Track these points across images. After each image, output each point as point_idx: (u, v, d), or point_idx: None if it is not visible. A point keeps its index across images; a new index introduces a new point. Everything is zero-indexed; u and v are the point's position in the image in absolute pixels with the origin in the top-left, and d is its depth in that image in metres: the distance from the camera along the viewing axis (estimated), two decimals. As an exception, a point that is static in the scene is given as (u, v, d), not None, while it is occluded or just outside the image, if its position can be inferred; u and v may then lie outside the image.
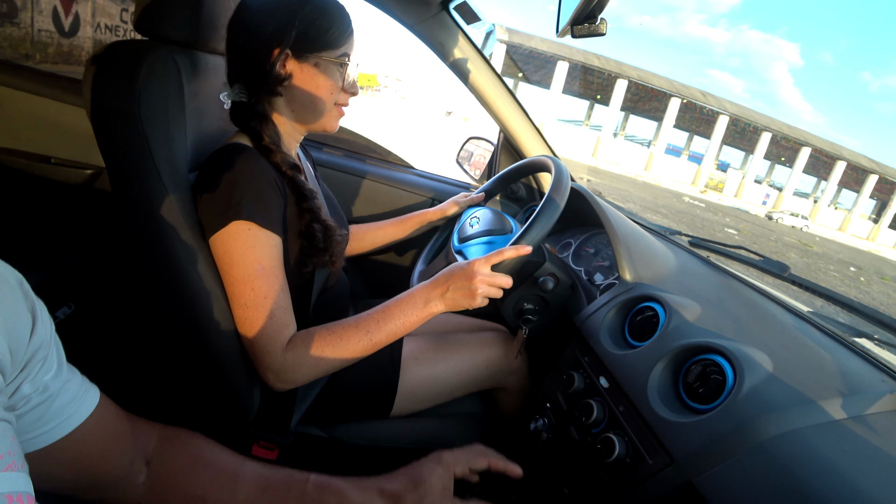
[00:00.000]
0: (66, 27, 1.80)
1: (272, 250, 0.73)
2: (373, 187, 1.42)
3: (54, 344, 0.42)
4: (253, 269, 0.72)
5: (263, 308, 0.72)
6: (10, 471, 0.33)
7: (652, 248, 1.00)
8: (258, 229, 0.71)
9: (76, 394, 0.44)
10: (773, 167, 44.97)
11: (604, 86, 33.37)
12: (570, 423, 0.80)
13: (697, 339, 0.71)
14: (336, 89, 0.81)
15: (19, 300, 0.37)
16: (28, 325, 0.38)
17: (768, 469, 0.55)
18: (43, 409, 0.40)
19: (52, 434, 0.42)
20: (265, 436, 0.89)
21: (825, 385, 0.67)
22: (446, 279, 0.79)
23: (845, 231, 36.81)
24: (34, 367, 0.39)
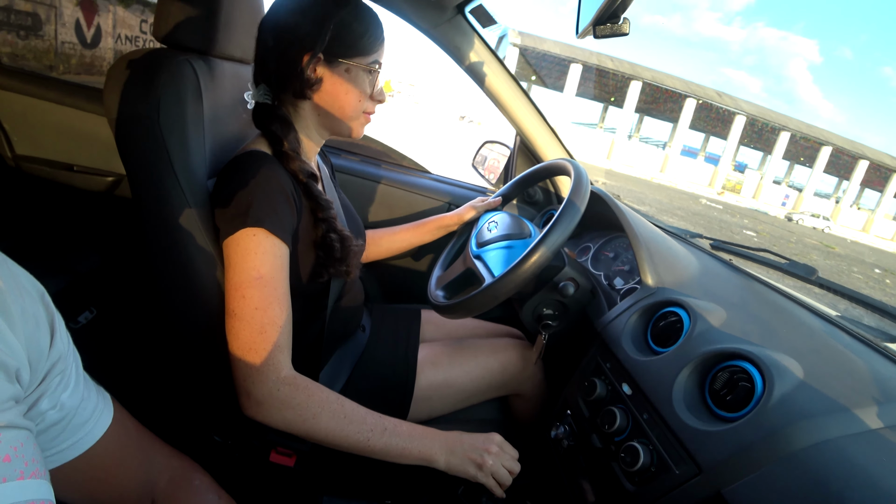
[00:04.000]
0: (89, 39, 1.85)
1: (276, 260, 0.70)
2: (389, 192, 1.42)
3: (73, 359, 0.42)
4: (249, 275, 0.68)
5: (253, 321, 0.67)
6: (34, 478, 0.33)
7: (673, 252, 0.98)
8: (264, 235, 0.69)
9: (93, 411, 0.44)
10: (793, 167, 44.10)
11: (618, 87, 33.13)
12: (591, 431, 0.78)
13: (724, 345, 0.69)
14: (364, 97, 0.80)
15: (40, 312, 0.37)
16: (47, 337, 0.38)
17: (802, 480, 0.53)
18: (60, 427, 0.40)
19: (67, 453, 0.42)
20: (283, 442, 0.89)
21: (859, 392, 0.65)
22: (462, 437, 0.77)
23: (869, 232, 35.91)
24: (52, 380, 0.39)
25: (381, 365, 0.99)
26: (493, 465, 0.75)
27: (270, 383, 0.67)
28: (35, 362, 0.36)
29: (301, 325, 0.86)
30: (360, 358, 0.99)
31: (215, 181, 0.77)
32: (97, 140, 1.36)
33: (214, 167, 0.80)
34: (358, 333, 1.02)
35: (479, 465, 0.75)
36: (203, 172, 0.75)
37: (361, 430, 0.71)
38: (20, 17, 1.70)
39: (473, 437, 0.77)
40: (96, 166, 1.39)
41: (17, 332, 0.35)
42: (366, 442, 0.70)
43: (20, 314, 0.35)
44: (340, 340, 0.97)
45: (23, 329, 0.35)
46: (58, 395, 0.40)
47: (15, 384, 0.34)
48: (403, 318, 1.14)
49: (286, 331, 0.70)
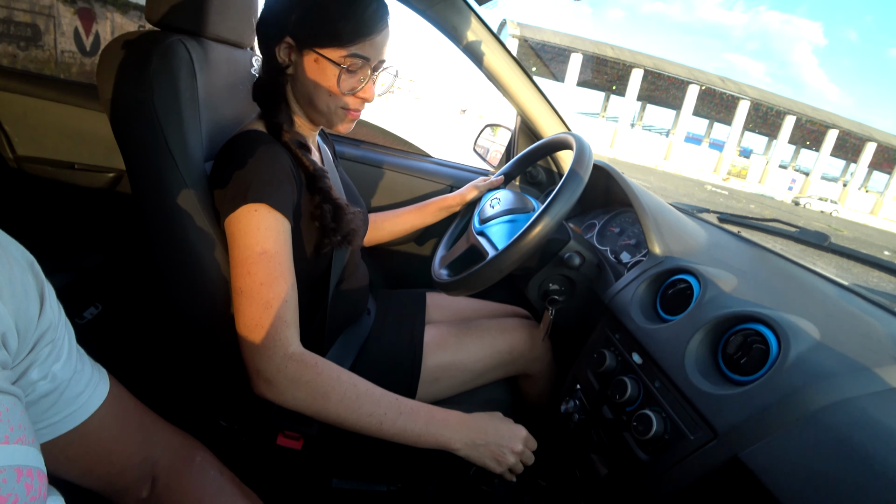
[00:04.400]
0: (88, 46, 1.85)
1: (279, 235, 0.69)
2: (390, 177, 1.41)
3: (66, 331, 0.41)
4: (253, 251, 0.67)
5: (259, 297, 0.66)
6: (20, 444, 0.32)
7: (681, 223, 0.96)
8: (266, 211, 0.67)
9: (87, 384, 0.43)
10: (799, 151, 43.67)
11: (619, 76, 32.90)
12: (602, 403, 0.77)
13: (736, 308, 0.68)
14: (335, 93, 0.75)
15: (29, 280, 0.37)
16: (37, 305, 0.37)
17: (823, 439, 0.52)
18: (52, 399, 0.39)
19: (60, 426, 0.41)
20: (290, 425, 0.88)
21: (878, 352, 0.63)
22: (487, 429, 0.74)
23: (878, 214, 35.53)
24: (42, 350, 0.38)
25: (387, 347, 0.98)
26: (514, 463, 0.73)
27: (278, 359, 0.65)
28: (23, 330, 0.35)
29: (306, 309, 0.85)
30: (365, 341, 0.98)
31: (213, 163, 0.76)
32: (97, 137, 1.36)
33: (211, 150, 0.79)
34: (363, 317, 1.01)
35: (499, 461, 0.72)
36: (200, 155, 0.74)
37: (374, 411, 0.68)
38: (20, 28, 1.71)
39: (499, 430, 0.74)
40: (97, 163, 1.39)
41: (4, 299, 0.34)
42: (378, 425, 0.68)
43: (7, 281, 0.34)
44: (346, 324, 0.96)
45: (10, 296, 0.34)
46: (48, 366, 0.39)
47: (1, 350, 0.33)
48: (409, 301, 1.13)
49: (292, 306, 0.69)
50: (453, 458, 0.82)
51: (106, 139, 1.32)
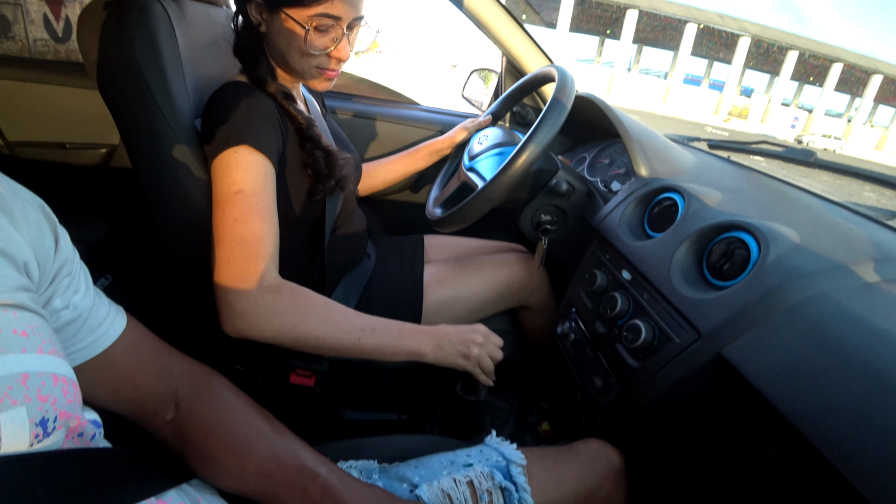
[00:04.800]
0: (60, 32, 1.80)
1: (258, 176, 0.68)
2: (380, 127, 1.41)
3: (81, 269, 0.44)
4: (229, 191, 0.66)
5: (231, 233, 0.65)
6: (53, 355, 0.35)
7: (668, 147, 0.97)
8: (246, 151, 0.68)
9: (106, 316, 0.46)
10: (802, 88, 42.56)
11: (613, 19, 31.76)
12: (595, 319, 0.80)
13: (719, 219, 0.70)
14: (306, 53, 0.74)
15: (41, 220, 0.39)
16: (52, 241, 0.39)
17: (799, 330, 0.55)
18: (75, 327, 0.42)
19: (85, 352, 0.44)
20: (301, 364, 0.92)
21: (856, 253, 0.65)
22: (449, 331, 0.77)
23: (882, 149, 34.96)
24: (62, 282, 0.40)
25: (389, 288, 1.01)
26: (479, 354, 0.76)
27: (254, 292, 0.65)
28: (43, 262, 0.38)
29: (304, 255, 0.88)
30: (367, 284, 1.01)
31: (202, 119, 0.77)
32: (84, 115, 1.34)
33: (199, 107, 0.80)
34: (364, 261, 1.04)
35: (465, 355, 0.75)
36: (189, 111, 0.75)
37: (351, 330, 0.70)
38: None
39: (459, 329, 0.78)
40: (88, 140, 1.38)
41: (22, 231, 0.36)
42: (357, 342, 0.70)
43: (22, 216, 0.37)
44: (346, 268, 0.99)
45: (26, 230, 0.37)
46: (69, 296, 0.41)
47: (23, 276, 0.35)
48: (407, 243, 1.16)
49: (269, 243, 0.68)
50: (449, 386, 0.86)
51: (93, 116, 1.31)
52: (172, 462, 0.50)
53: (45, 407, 0.32)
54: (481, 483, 0.59)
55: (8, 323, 0.32)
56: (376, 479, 0.59)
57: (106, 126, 0.76)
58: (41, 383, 0.32)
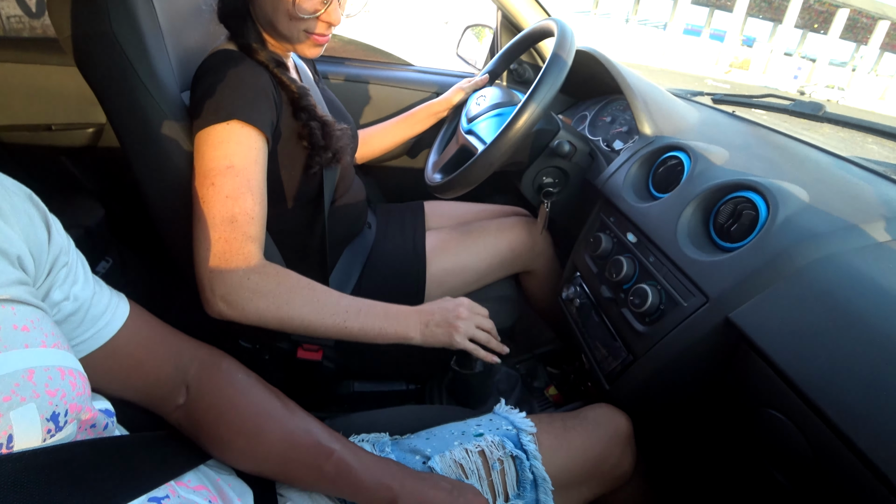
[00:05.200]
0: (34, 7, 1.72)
1: (250, 152, 0.66)
2: (374, 91, 1.36)
3: (78, 258, 0.43)
4: (219, 164, 0.64)
5: (224, 209, 0.63)
6: (56, 348, 0.34)
7: (672, 103, 0.94)
8: (239, 125, 0.65)
9: (108, 305, 0.45)
10: (805, 36, 41.32)
11: (612, -32, 30.54)
12: (601, 284, 0.79)
13: (726, 178, 0.68)
14: (294, 17, 0.71)
15: (31, 209, 0.37)
16: (44, 232, 0.38)
17: (807, 294, 0.54)
18: (77, 318, 0.41)
19: (90, 343, 0.43)
20: (308, 339, 0.92)
21: (866, 211, 0.64)
22: (433, 309, 0.75)
23: (885, 99, 34.26)
24: (59, 273, 0.39)
25: (391, 258, 1.00)
26: (466, 327, 0.75)
27: (241, 273, 0.63)
28: (37, 254, 0.37)
29: (304, 228, 0.86)
30: (369, 254, 1.00)
31: (190, 93, 0.74)
32: (66, 93, 1.29)
33: (184, 79, 0.76)
34: (364, 231, 1.03)
35: (452, 333, 0.74)
36: (174, 83, 0.72)
37: (336, 311, 0.69)
38: (-43, 0, 1.57)
39: (442, 307, 0.76)
40: (73, 121, 1.33)
41: (12, 225, 0.35)
42: (342, 324, 0.69)
43: (10, 208, 0.35)
44: (347, 240, 0.98)
45: (16, 222, 0.35)
46: (68, 288, 0.40)
47: (18, 269, 0.34)
48: (408, 211, 1.14)
49: (260, 223, 0.66)
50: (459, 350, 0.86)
51: (75, 94, 1.25)
52: (188, 445, 0.50)
53: (55, 401, 0.32)
54: (493, 452, 0.60)
55: (7, 319, 0.31)
56: (389, 451, 0.59)
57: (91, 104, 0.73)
58: (48, 378, 0.32)
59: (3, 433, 0.29)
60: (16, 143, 1.33)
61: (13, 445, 0.29)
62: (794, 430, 0.51)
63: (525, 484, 0.59)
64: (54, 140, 1.35)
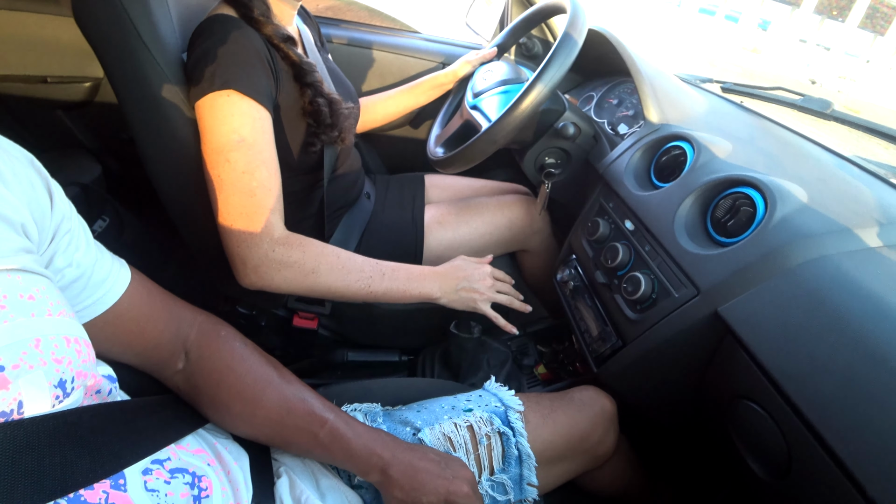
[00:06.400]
0: None
1: (256, 122, 0.66)
2: (379, 57, 1.33)
3: (80, 224, 0.43)
4: (229, 139, 0.64)
5: (241, 185, 0.65)
6: (62, 316, 0.35)
7: (680, 90, 0.93)
8: (238, 97, 0.64)
9: (110, 270, 0.45)
10: (823, 22, 40.38)
11: (630, -62, 29.45)
12: (596, 269, 0.80)
13: (727, 173, 0.68)
14: None
15: (33, 175, 0.37)
16: (46, 198, 0.38)
17: (796, 293, 0.55)
18: (80, 284, 0.42)
19: (93, 309, 0.44)
20: (304, 307, 0.93)
21: (862, 215, 0.64)
22: (458, 274, 0.78)
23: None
24: (62, 239, 0.40)
25: (389, 229, 1.00)
26: (489, 292, 0.78)
27: (266, 245, 0.66)
28: (40, 221, 0.37)
29: (301, 198, 0.86)
30: (367, 224, 1.00)
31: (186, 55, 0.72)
32: (63, 45, 1.24)
33: (185, 38, 0.75)
34: (363, 200, 1.03)
35: (476, 295, 0.78)
36: (175, 44, 0.70)
37: (361, 277, 0.73)
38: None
39: (466, 271, 0.80)
40: (70, 73, 1.30)
41: (15, 192, 0.35)
42: (367, 288, 0.73)
43: (12, 175, 0.35)
44: (345, 208, 0.98)
45: (19, 189, 0.35)
46: (71, 254, 0.41)
47: (23, 237, 0.35)
48: (407, 183, 1.14)
49: (277, 193, 0.68)
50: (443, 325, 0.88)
51: (72, 46, 1.21)
52: (187, 409, 0.52)
53: (62, 368, 0.33)
54: (480, 428, 0.62)
55: (14, 288, 0.32)
56: (381, 422, 0.61)
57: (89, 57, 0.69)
58: (54, 346, 0.33)
59: (13, 399, 0.30)
60: (10, 95, 1.30)
61: (24, 411, 0.30)
62: (770, 423, 0.53)
63: (510, 459, 0.61)
64: (49, 93, 1.31)
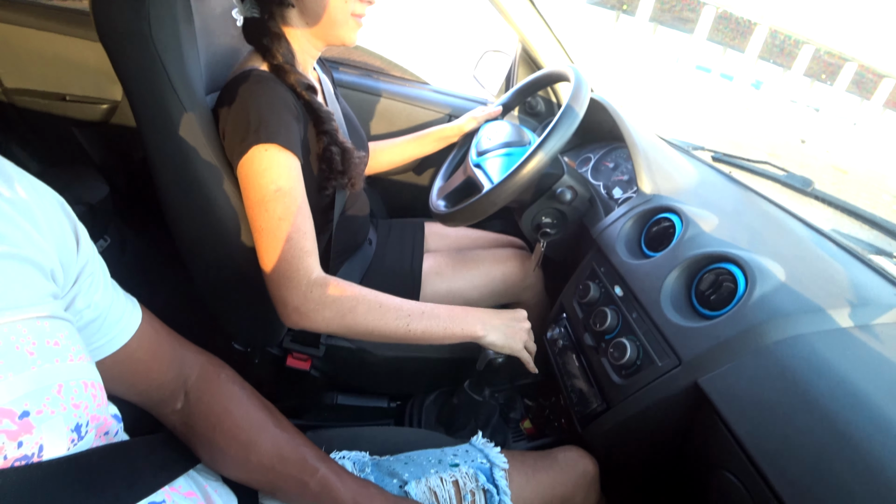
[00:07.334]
0: None
1: (290, 171, 0.71)
2: (389, 105, 1.39)
3: (100, 265, 0.45)
4: (268, 190, 0.69)
5: (279, 231, 0.69)
6: (82, 361, 0.37)
7: (672, 161, 0.98)
8: (276, 150, 0.69)
9: (123, 311, 0.47)
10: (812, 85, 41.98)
11: (632, -4, 30.80)
12: (584, 331, 0.83)
13: (712, 248, 0.72)
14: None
15: (63, 220, 0.39)
16: (73, 242, 0.40)
17: (771, 370, 0.58)
18: (97, 325, 0.43)
19: (105, 348, 0.45)
20: (298, 348, 0.95)
21: (835, 295, 0.68)
22: (495, 314, 0.80)
23: (883, 153, 34.70)
24: (84, 282, 0.41)
25: (388, 276, 1.03)
26: (528, 336, 0.80)
27: (304, 287, 0.69)
28: (66, 264, 0.39)
29: None
30: (367, 270, 1.03)
31: (216, 101, 0.77)
32: (86, 66, 1.30)
33: (211, 81, 0.79)
34: (365, 246, 1.06)
35: (518, 337, 0.79)
36: (201, 86, 0.74)
37: (399, 315, 0.73)
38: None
39: (502, 314, 0.81)
40: (89, 94, 1.34)
41: (47, 237, 0.37)
42: (405, 327, 0.73)
43: (45, 219, 0.37)
44: (348, 252, 1.00)
45: (50, 234, 0.37)
46: (91, 296, 0.42)
47: (51, 282, 0.37)
48: (408, 230, 1.17)
49: (311, 236, 0.72)
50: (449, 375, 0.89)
51: (95, 68, 1.26)
52: (181, 448, 0.53)
53: (79, 413, 0.35)
54: (466, 484, 0.63)
55: (42, 335, 0.34)
56: (369, 472, 0.63)
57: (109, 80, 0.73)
58: (74, 391, 0.35)
59: (35, 443, 0.31)
60: (28, 109, 1.34)
61: (43, 454, 0.32)
62: (744, 493, 0.55)
63: None
64: (67, 111, 1.35)
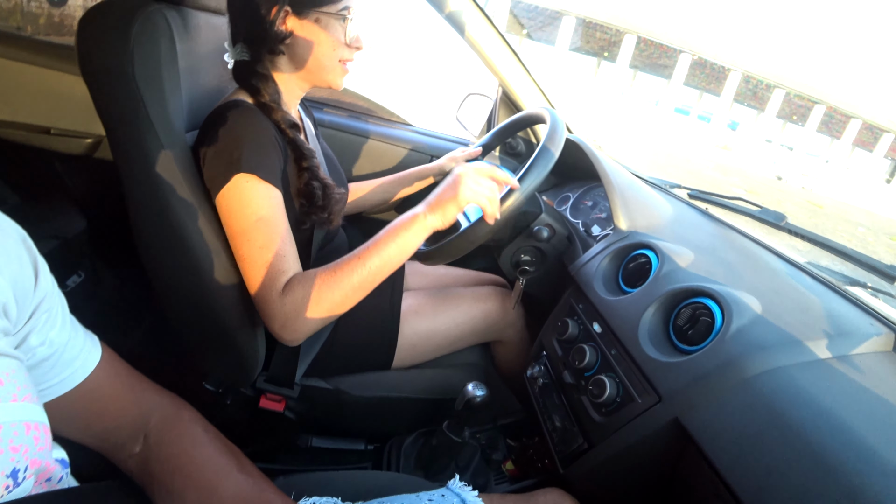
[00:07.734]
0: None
1: (271, 201, 0.73)
2: (372, 146, 1.42)
3: (59, 301, 0.44)
4: (249, 221, 0.71)
5: (260, 259, 0.71)
6: (27, 402, 0.35)
7: (648, 199, 1.00)
8: (257, 181, 0.71)
9: (81, 349, 0.45)
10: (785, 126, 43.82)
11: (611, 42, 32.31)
12: (564, 368, 0.82)
13: (688, 283, 0.73)
14: (339, 45, 0.80)
15: (23, 254, 0.39)
16: (31, 277, 0.39)
17: (751, 403, 0.58)
18: (50, 363, 0.42)
19: (59, 387, 0.43)
20: (272, 389, 0.92)
21: (812, 326, 0.68)
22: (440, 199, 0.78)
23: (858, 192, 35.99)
24: (39, 318, 0.40)
25: (366, 314, 1.01)
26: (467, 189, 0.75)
27: (276, 302, 0.71)
28: (21, 299, 0.38)
29: None
30: None
31: (198, 133, 0.77)
32: (72, 101, 1.32)
33: (192, 120, 0.79)
34: None
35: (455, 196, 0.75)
36: (181, 125, 0.74)
37: (354, 267, 0.74)
38: (-19, -22, 1.61)
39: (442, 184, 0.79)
40: (73, 128, 1.35)
41: (2, 271, 0.36)
42: (366, 269, 0.74)
43: (3, 254, 0.36)
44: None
45: (7, 268, 0.36)
46: (46, 332, 0.41)
47: (2, 318, 0.35)
48: None
49: (291, 255, 0.74)
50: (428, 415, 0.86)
51: (81, 103, 1.28)
52: (136, 495, 0.50)
53: (17, 457, 0.33)
54: None
55: None
56: None
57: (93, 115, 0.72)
58: (13, 433, 0.33)
59: None
60: (10, 141, 1.34)
61: None
62: None
63: None
64: (51, 144, 1.36)
